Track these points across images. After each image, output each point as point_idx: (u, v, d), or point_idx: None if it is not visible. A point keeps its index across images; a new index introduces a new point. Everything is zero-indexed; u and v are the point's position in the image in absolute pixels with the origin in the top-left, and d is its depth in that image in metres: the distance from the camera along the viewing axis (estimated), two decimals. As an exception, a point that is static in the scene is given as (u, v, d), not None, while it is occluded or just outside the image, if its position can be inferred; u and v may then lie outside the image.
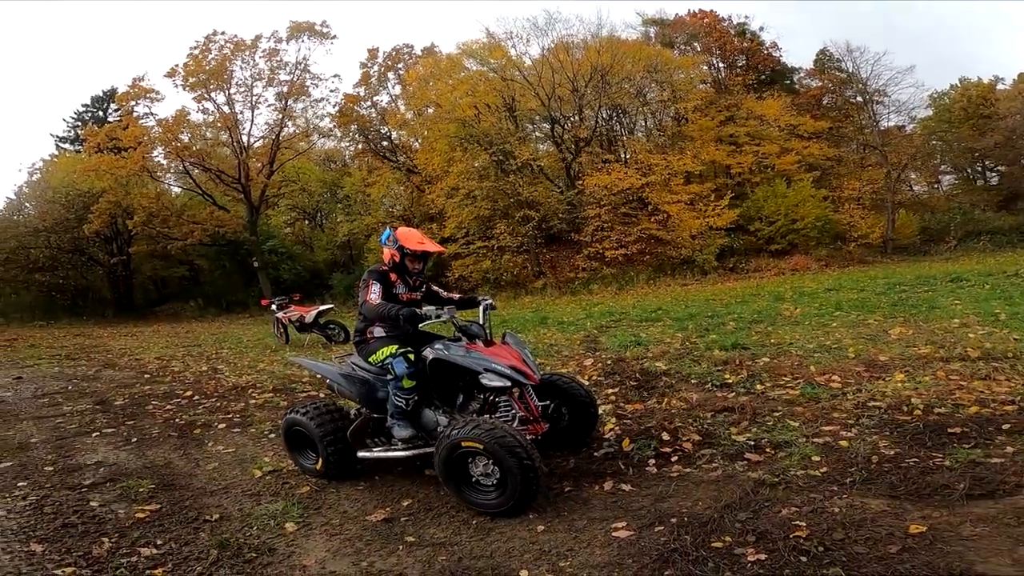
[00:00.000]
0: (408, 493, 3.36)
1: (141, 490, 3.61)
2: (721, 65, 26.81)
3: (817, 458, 3.15)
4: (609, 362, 6.11)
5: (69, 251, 24.27)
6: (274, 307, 10.90)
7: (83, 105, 31.41)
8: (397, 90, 26.29)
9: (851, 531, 2.37)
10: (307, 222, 31.25)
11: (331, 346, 10.19)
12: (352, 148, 28.62)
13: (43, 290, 24.07)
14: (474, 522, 2.92)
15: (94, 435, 4.98)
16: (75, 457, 4.38)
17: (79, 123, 29.82)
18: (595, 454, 3.59)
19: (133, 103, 24.53)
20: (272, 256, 25.04)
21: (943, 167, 28.94)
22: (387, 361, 3.44)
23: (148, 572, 2.62)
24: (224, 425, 5.03)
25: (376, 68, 25.78)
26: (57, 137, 31.44)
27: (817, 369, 4.93)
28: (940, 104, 27.16)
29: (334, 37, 24.70)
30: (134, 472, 3.96)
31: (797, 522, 2.47)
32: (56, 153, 29.77)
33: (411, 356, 3.43)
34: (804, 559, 2.21)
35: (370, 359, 3.59)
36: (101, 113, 30.34)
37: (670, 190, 20.62)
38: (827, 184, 22.61)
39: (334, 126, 26.58)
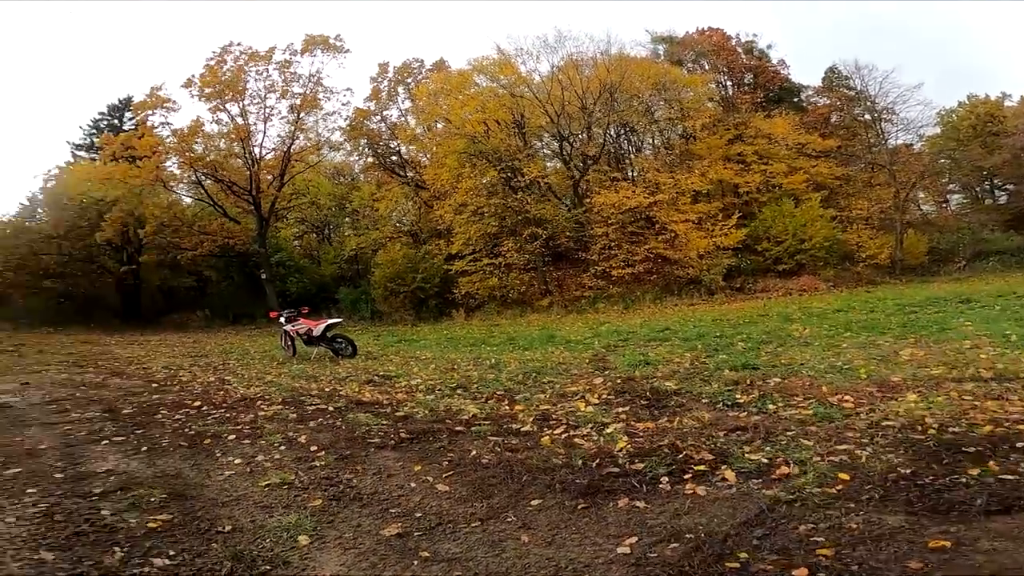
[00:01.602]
0: (420, 507, 3.34)
1: (152, 499, 3.54)
2: (729, 83, 27.08)
3: (833, 476, 3.12)
4: (619, 381, 6.11)
5: (80, 259, 24.45)
6: (282, 320, 10.96)
7: (100, 113, 31.86)
8: (407, 104, 26.53)
9: (871, 546, 2.35)
10: (315, 235, 31.48)
11: (338, 360, 10.21)
12: (361, 162, 28.90)
13: (53, 297, 24.26)
14: (489, 539, 2.90)
15: (103, 443, 4.94)
16: (85, 465, 4.33)
17: (95, 131, 30.27)
18: (605, 471, 3.57)
19: (150, 112, 24.87)
20: (280, 269, 25.21)
21: (951, 186, 28.93)
22: None
23: (161, 583, 2.57)
24: (234, 436, 5.00)
25: (386, 83, 26.08)
26: (73, 144, 31.83)
27: (829, 389, 4.91)
28: (948, 122, 27.23)
29: (347, 51, 24.92)
30: (145, 481, 3.90)
31: (815, 538, 2.46)
32: (72, 160, 30.11)
33: None
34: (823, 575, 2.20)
35: None
36: (117, 122, 30.75)
37: (677, 209, 20.71)
38: (835, 204, 22.67)
39: (344, 140, 26.83)
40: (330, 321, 10.82)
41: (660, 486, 3.31)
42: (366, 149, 27.16)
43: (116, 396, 7.25)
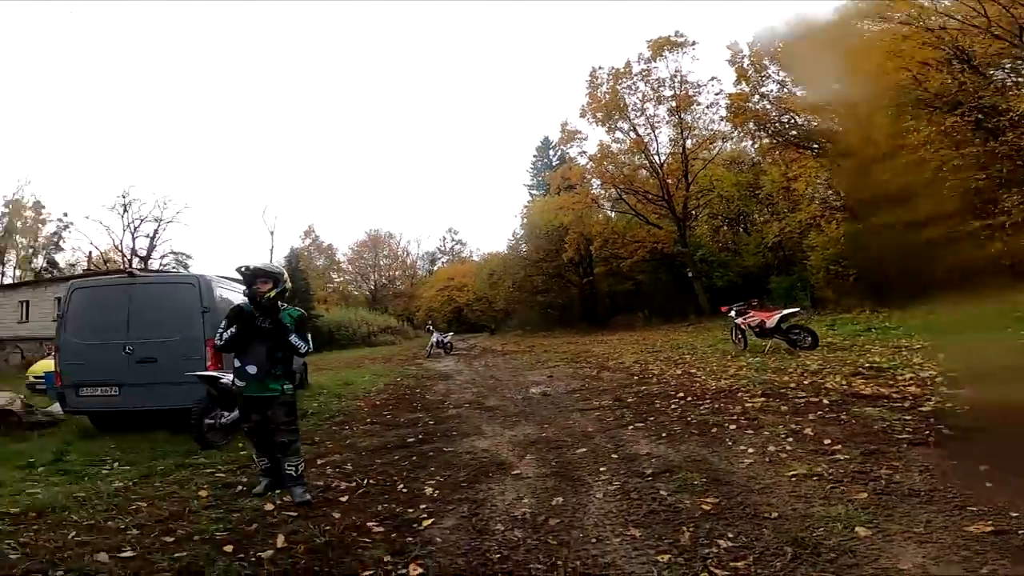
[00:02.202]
0: (1015, 507, 2.88)
1: (695, 483, 3.82)
2: None
3: None
4: None
5: (553, 276, 31.38)
6: (732, 313, 11.17)
7: (533, 156, 41.00)
8: (781, 75, 23.20)
9: None
10: (728, 228, 31.01)
11: (796, 352, 9.65)
12: (755, 146, 26.86)
13: (542, 308, 32.27)
14: None
15: (629, 428, 5.60)
16: (627, 447, 4.91)
17: (535, 171, 39.01)
18: None
19: (565, 146, 30.22)
20: (703, 265, 25.97)
21: None
22: None
23: (732, 564, 2.70)
24: (735, 426, 5.23)
25: (746, 60, 23.59)
26: (527, 186, 41.86)
27: None
28: None
29: (693, 43, 24.08)
30: (681, 465, 4.24)
31: None
32: (530, 199, 39.54)
33: None
34: None
35: None
36: (545, 160, 38.76)
37: None
38: None
39: (731, 128, 25.61)
40: (785, 311, 10.30)
41: None
42: (758, 132, 25.06)
43: (613, 387, 8.52)
